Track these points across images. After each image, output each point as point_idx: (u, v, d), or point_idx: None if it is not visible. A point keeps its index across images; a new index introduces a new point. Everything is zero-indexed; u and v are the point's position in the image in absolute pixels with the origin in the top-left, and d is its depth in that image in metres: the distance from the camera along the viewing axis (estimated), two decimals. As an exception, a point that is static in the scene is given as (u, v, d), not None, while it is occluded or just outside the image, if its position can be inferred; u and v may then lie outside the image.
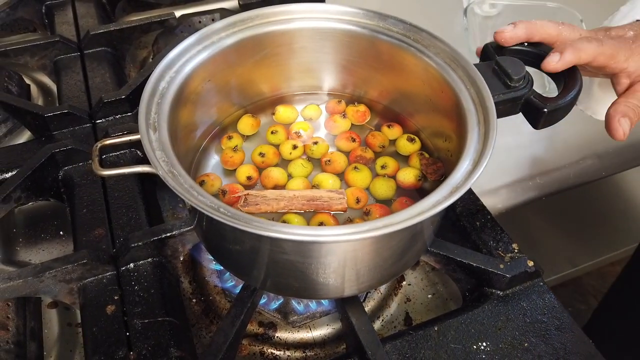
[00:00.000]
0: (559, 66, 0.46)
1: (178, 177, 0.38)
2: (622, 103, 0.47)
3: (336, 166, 0.52)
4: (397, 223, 0.35)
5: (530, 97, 0.45)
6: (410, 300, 0.57)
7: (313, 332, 0.54)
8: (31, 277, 0.47)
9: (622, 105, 0.47)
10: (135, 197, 0.56)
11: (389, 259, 0.42)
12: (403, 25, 0.50)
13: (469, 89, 0.45)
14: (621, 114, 0.46)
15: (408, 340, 0.45)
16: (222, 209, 0.36)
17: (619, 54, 0.47)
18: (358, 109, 0.56)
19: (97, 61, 0.74)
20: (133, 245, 0.49)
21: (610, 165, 0.71)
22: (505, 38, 0.49)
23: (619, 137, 0.47)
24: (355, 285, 0.43)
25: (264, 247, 0.40)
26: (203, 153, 0.53)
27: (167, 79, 0.45)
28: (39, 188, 0.58)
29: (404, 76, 0.52)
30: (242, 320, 0.44)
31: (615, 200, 1.08)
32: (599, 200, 1.07)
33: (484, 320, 0.47)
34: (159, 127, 0.42)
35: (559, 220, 1.04)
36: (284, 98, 0.58)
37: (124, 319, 0.46)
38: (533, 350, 0.45)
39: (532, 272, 0.48)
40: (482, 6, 0.89)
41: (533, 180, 0.69)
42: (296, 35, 0.52)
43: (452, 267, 0.49)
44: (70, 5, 0.85)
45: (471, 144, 0.41)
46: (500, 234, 0.52)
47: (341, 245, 0.38)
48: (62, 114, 0.62)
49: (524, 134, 0.72)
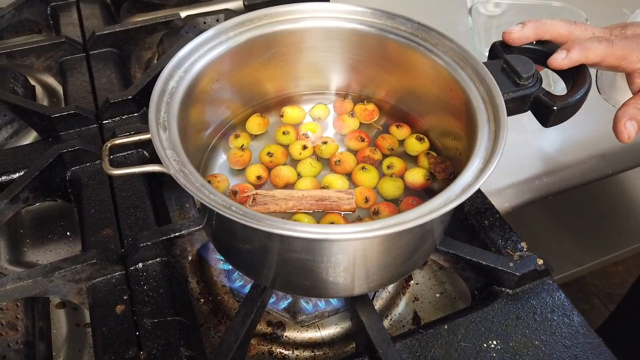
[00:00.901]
0: (564, 64, 0.46)
1: (189, 175, 0.38)
2: (631, 105, 0.47)
3: (346, 166, 0.52)
4: (409, 221, 0.35)
5: (539, 95, 0.45)
6: (419, 299, 0.57)
7: (322, 331, 0.54)
8: (40, 277, 0.47)
9: (631, 107, 0.47)
10: (142, 197, 0.56)
11: (398, 257, 0.42)
12: (411, 24, 0.50)
13: (479, 87, 0.45)
14: (629, 116, 0.46)
15: (418, 339, 0.45)
16: (233, 208, 0.36)
17: (631, 54, 0.46)
18: (366, 108, 0.56)
19: (102, 62, 0.74)
20: (142, 245, 0.49)
21: (616, 164, 0.71)
22: (513, 38, 0.49)
23: (624, 140, 0.47)
24: (365, 284, 0.43)
25: (274, 246, 0.40)
26: (212, 152, 0.53)
27: (176, 79, 0.45)
28: (47, 188, 0.58)
29: (412, 75, 0.52)
30: (252, 319, 0.44)
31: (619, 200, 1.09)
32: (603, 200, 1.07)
33: (494, 318, 0.47)
34: (169, 126, 0.42)
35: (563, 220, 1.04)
36: (292, 98, 0.58)
37: (133, 319, 0.46)
38: (544, 348, 0.45)
39: (542, 270, 0.48)
40: (487, 5, 0.89)
41: (540, 179, 0.68)
42: (304, 34, 0.52)
43: (461, 265, 0.49)
44: (75, 7, 0.85)
45: (482, 142, 0.41)
46: (508, 232, 0.52)
47: (352, 244, 0.38)
48: (69, 115, 0.62)
49: (530, 133, 0.73)
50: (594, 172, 0.70)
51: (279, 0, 0.70)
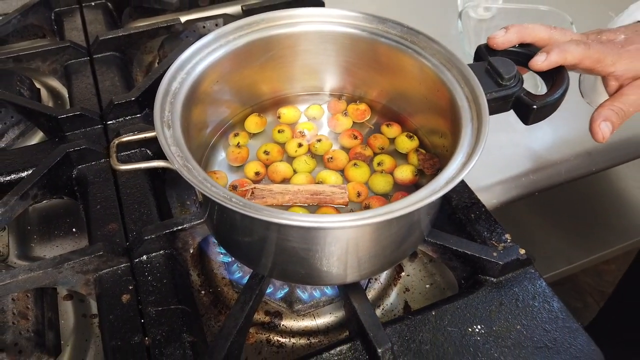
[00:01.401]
0: (544, 65, 0.49)
1: (192, 170, 0.41)
2: (606, 107, 0.49)
3: (338, 163, 0.55)
4: (396, 210, 0.37)
5: (520, 95, 0.48)
6: (409, 290, 0.59)
7: (317, 320, 0.56)
8: (51, 268, 0.49)
9: (606, 109, 0.49)
10: (146, 194, 0.59)
11: (388, 247, 0.45)
12: (401, 28, 0.53)
13: (463, 87, 0.48)
14: (603, 117, 0.49)
15: (407, 324, 0.48)
16: (234, 199, 0.38)
17: (605, 58, 0.49)
18: (359, 107, 0.59)
19: (106, 65, 0.77)
20: (146, 237, 0.51)
21: (600, 162, 0.74)
22: (497, 43, 0.52)
23: (599, 139, 0.49)
24: (357, 272, 0.46)
25: (272, 235, 0.42)
26: (212, 149, 0.55)
27: (179, 80, 0.48)
28: (54, 186, 0.60)
29: (402, 77, 0.55)
30: (251, 305, 0.47)
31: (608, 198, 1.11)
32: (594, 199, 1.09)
33: (479, 305, 0.49)
34: (172, 125, 0.44)
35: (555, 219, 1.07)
36: (288, 98, 0.61)
37: (138, 307, 0.48)
38: (525, 332, 0.47)
39: (524, 259, 0.51)
40: (477, 10, 0.92)
41: (526, 176, 0.71)
42: (300, 38, 0.55)
43: (448, 255, 0.52)
44: (78, 12, 0.88)
45: (465, 138, 0.44)
46: (493, 225, 0.55)
47: (344, 232, 0.41)
48: (75, 116, 0.65)
49: (518, 132, 0.75)
50: (578, 169, 0.73)
51: (275, 6, 0.74)
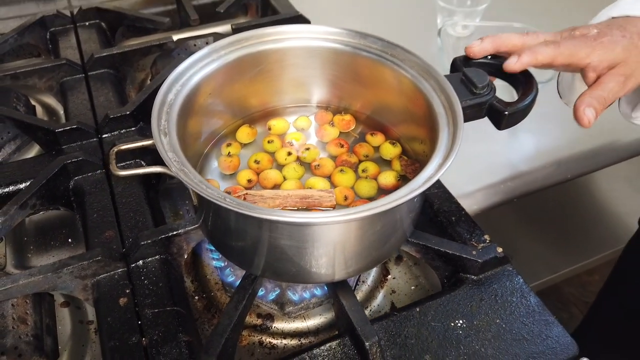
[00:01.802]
0: (516, 67, 0.52)
1: (189, 174, 0.43)
2: (587, 95, 0.51)
3: (325, 170, 0.58)
4: (379, 206, 0.40)
5: (493, 102, 0.52)
6: (395, 291, 0.62)
7: (307, 321, 0.59)
8: (50, 273, 0.51)
9: (587, 97, 0.51)
10: (141, 202, 0.61)
11: (372, 244, 0.48)
12: (381, 43, 0.57)
13: (440, 96, 0.51)
14: (586, 104, 0.50)
15: (393, 320, 0.51)
16: (228, 199, 0.41)
17: (579, 52, 0.51)
18: (344, 118, 0.62)
19: (100, 82, 0.80)
20: (143, 243, 0.54)
21: (573, 169, 0.78)
22: (474, 52, 0.55)
23: (585, 124, 0.50)
24: (344, 269, 0.49)
25: (264, 235, 0.45)
26: (205, 158, 0.58)
27: (175, 91, 0.51)
28: (52, 196, 0.62)
29: (383, 88, 0.58)
30: (244, 304, 0.49)
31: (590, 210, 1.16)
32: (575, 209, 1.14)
33: (460, 301, 0.52)
34: (169, 133, 0.47)
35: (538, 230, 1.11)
36: (277, 110, 0.64)
37: (135, 310, 0.51)
38: (504, 325, 0.50)
39: (502, 257, 0.54)
40: (455, 28, 0.97)
41: (505, 184, 0.75)
42: (287, 53, 0.58)
43: (430, 255, 0.55)
44: (73, 31, 0.91)
45: (442, 142, 0.47)
46: (473, 227, 0.58)
47: (331, 229, 0.44)
48: (72, 129, 0.67)
49: (497, 142, 0.79)
50: (554, 176, 0.77)
51: (264, 24, 0.77)
